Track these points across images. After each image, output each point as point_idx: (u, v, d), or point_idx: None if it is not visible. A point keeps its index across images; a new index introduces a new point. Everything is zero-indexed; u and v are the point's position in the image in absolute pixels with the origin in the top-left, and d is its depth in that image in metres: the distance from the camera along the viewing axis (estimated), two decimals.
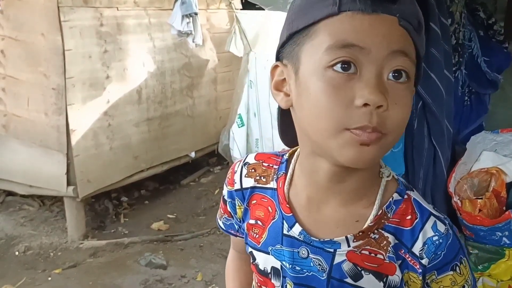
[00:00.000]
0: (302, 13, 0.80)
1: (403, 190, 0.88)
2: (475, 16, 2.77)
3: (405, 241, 0.86)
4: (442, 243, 0.85)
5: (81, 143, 4.09)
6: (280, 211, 0.92)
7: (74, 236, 4.16)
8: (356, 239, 0.86)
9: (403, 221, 0.86)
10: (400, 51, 0.76)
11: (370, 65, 0.74)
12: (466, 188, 2.48)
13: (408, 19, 0.76)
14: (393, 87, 0.76)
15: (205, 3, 5.44)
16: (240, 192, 1.00)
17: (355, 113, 0.74)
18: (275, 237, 0.93)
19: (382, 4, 0.75)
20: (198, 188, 5.40)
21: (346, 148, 0.76)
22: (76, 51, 4.02)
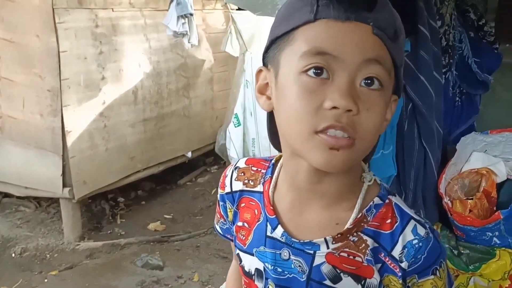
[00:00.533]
0: (284, 19, 0.83)
1: (384, 195, 0.90)
2: (466, 18, 2.77)
3: (384, 244, 0.87)
4: (422, 246, 0.85)
5: (76, 144, 4.10)
6: (264, 214, 0.95)
7: (70, 237, 4.18)
8: (335, 241, 0.88)
9: (383, 224, 0.87)
10: (373, 59, 0.77)
11: (343, 71, 0.76)
12: (456, 189, 2.49)
13: (382, 28, 0.78)
14: (365, 94, 0.77)
15: (201, 3, 5.44)
16: (230, 195, 1.03)
17: (324, 115, 0.76)
18: (259, 239, 0.95)
19: (357, 12, 0.77)
20: (194, 188, 5.41)
21: (316, 151, 0.78)
22: (71, 52, 4.03)
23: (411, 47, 2.24)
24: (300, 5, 0.81)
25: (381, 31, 0.77)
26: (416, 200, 2.45)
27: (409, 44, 2.22)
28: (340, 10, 0.76)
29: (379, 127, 0.80)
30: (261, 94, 0.89)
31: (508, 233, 2.39)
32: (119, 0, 4.49)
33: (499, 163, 2.55)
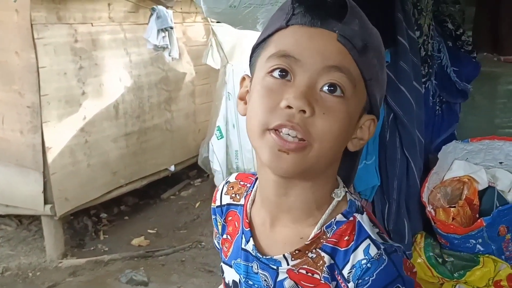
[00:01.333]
0: (265, 28, 0.87)
1: (349, 212, 0.87)
2: (444, 28, 2.81)
3: (338, 262, 0.85)
4: (370, 268, 0.81)
5: (57, 161, 4.06)
6: (242, 226, 0.96)
7: (53, 255, 4.12)
8: (293, 257, 0.87)
9: (340, 241, 0.85)
10: (335, 66, 0.78)
11: (303, 74, 0.78)
12: (439, 197, 2.51)
13: (349, 37, 0.79)
14: (325, 98, 0.78)
15: (181, 16, 5.45)
16: (220, 208, 1.04)
17: (277, 114, 0.78)
18: (237, 251, 0.96)
19: (324, 19, 0.80)
20: (178, 202, 5.38)
21: (265, 149, 0.79)
22: (51, 68, 4.00)
23: (391, 58, 2.26)
24: (278, 14, 0.85)
25: (346, 40, 0.79)
26: (400, 210, 2.46)
27: (389, 55, 2.25)
28: (309, 17, 0.80)
29: (337, 133, 0.79)
30: (241, 100, 0.90)
31: (491, 240, 2.41)
32: (98, 15, 4.47)
33: (480, 170, 2.58)
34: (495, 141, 2.65)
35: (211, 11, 1.75)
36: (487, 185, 2.55)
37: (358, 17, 0.81)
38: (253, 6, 1.78)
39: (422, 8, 2.57)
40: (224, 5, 1.70)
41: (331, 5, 0.81)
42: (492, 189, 2.54)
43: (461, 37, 2.83)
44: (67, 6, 4.15)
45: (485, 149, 2.66)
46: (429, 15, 2.62)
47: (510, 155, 2.61)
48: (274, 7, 1.84)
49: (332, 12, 0.80)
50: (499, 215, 2.34)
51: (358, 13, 0.82)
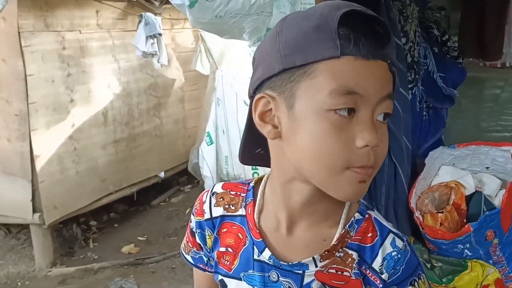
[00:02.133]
0: (298, 49, 0.80)
1: (364, 210, 0.92)
2: (429, 34, 2.82)
3: (366, 257, 0.89)
4: (400, 258, 0.88)
5: (46, 168, 4.04)
6: (250, 237, 0.95)
7: (42, 264, 4.10)
8: (322, 258, 0.89)
9: (365, 238, 0.90)
10: (388, 95, 0.80)
11: (366, 108, 0.78)
12: (427, 203, 2.52)
13: (394, 63, 0.81)
14: (379, 126, 0.80)
15: (170, 23, 5.45)
16: (210, 221, 1.02)
17: (356, 153, 0.78)
18: (247, 263, 0.95)
19: (378, 50, 0.78)
20: (168, 208, 5.37)
21: (346, 185, 0.80)
22: (39, 75, 3.99)
23: None
24: (318, 37, 0.78)
25: (394, 67, 0.81)
26: (388, 215, 2.46)
27: None
28: (364, 49, 0.77)
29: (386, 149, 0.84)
30: (264, 122, 0.87)
31: (478, 245, 2.42)
32: (86, 22, 4.46)
33: (467, 175, 2.59)
34: (481, 146, 2.67)
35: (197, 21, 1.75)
36: (474, 190, 2.57)
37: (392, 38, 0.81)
38: (239, 16, 1.79)
39: (408, 15, 2.58)
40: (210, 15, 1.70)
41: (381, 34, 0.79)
42: (479, 194, 2.55)
43: (447, 43, 2.85)
44: (55, 14, 4.14)
45: (471, 154, 2.67)
46: (415, 22, 2.63)
47: (497, 160, 2.63)
48: (260, 17, 1.85)
49: (382, 42, 0.79)
50: (486, 220, 2.35)
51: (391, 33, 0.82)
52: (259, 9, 1.81)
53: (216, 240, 1.01)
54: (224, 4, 1.70)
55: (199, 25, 1.81)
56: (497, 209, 2.41)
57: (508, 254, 2.53)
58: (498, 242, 2.46)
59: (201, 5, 1.67)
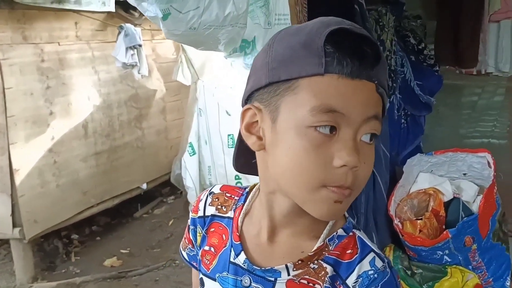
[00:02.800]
0: (284, 64, 0.81)
1: (349, 227, 0.91)
2: (406, 42, 2.86)
3: (341, 272, 0.87)
4: (377, 278, 0.85)
5: (26, 182, 4.00)
6: (231, 239, 0.96)
7: (22, 279, 4.04)
8: (295, 267, 0.89)
9: (343, 254, 0.88)
10: (374, 116, 0.79)
11: (348, 128, 0.78)
12: (406, 210, 2.54)
13: (383, 85, 0.79)
14: (363, 147, 0.79)
15: (150, 34, 5.44)
16: (202, 219, 1.03)
17: (333, 173, 0.78)
18: (224, 265, 0.96)
19: (365, 70, 0.77)
20: (151, 220, 5.34)
21: (321, 204, 0.80)
22: (17, 88, 3.96)
23: None
24: (304, 53, 0.79)
25: (382, 89, 0.79)
26: (368, 224, 2.48)
27: None
28: (349, 68, 0.76)
29: (370, 171, 0.82)
30: (250, 133, 0.88)
31: (457, 251, 2.44)
32: (65, 34, 4.44)
33: (445, 182, 2.62)
34: (458, 153, 2.70)
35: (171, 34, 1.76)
36: (452, 196, 2.60)
37: (383, 59, 0.80)
38: (213, 28, 1.79)
39: (384, 24, 2.61)
40: (184, 27, 1.70)
41: (369, 54, 0.77)
42: (457, 200, 2.58)
43: (423, 51, 2.89)
44: (33, 26, 4.12)
45: (448, 161, 2.70)
46: (391, 31, 2.66)
47: (473, 166, 2.66)
48: (234, 28, 1.86)
49: (370, 62, 0.77)
50: (464, 226, 2.38)
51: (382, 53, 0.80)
52: (233, 21, 1.82)
53: (204, 238, 1.02)
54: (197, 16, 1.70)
55: (174, 37, 1.81)
56: (474, 215, 2.44)
57: (487, 259, 2.56)
58: (476, 247, 2.49)
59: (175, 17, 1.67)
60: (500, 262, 2.62)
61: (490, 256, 2.57)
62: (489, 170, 2.58)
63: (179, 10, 1.71)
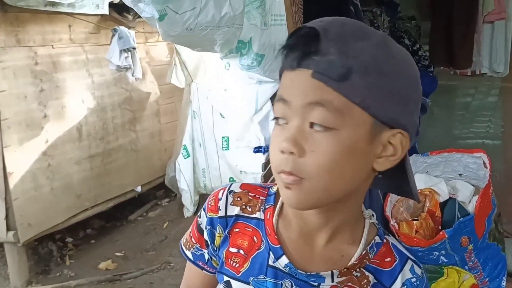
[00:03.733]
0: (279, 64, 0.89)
1: (382, 235, 0.94)
2: (400, 43, 2.87)
3: (384, 281, 0.91)
4: (419, 284, 0.91)
5: (19, 186, 3.97)
6: (267, 242, 0.94)
7: (17, 283, 4.02)
8: (340, 275, 0.90)
9: (383, 262, 0.92)
10: (316, 102, 0.79)
11: (293, 116, 0.81)
12: (402, 211, 2.54)
13: (324, 71, 0.78)
14: (313, 135, 0.79)
15: (144, 36, 5.43)
16: (224, 219, 1.00)
17: (278, 159, 0.82)
18: (260, 268, 0.94)
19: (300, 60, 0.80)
20: (146, 223, 5.32)
21: (280, 189, 0.85)
22: (10, 92, 3.94)
23: None
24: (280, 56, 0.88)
25: (321, 75, 0.78)
26: None
27: None
28: (290, 60, 0.82)
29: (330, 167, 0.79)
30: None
31: (454, 251, 2.44)
32: (58, 37, 4.42)
33: (440, 183, 2.62)
34: (454, 153, 2.70)
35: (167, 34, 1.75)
36: (448, 196, 2.60)
37: (336, 42, 0.79)
38: (209, 29, 1.79)
39: (379, 25, 2.62)
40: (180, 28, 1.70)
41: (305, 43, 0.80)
42: (453, 200, 2.58)
43: (417, 52, 2.90)
44: (26, 29, 4.10)
45: (444, 162, 2.71)
46: (386, 32, 2.67)
47: (469, 167, 2.67)
48: (230, 29, 1.85)
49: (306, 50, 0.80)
50: (460, 226, 2.37)
51: (337, 39, 0.80)
52: (230, 22, 1.82)
53: (226, 239, 1.00)
54: (194, 16, 1.70)
55: (170, 38, 1.81)
56: (470, 215, 2.44)
57: (483, 260, 2.56)
58: (473, 248, 2.49)
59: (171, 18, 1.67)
60: (495, 262, 2.63)
61: (486, 256, 2.57)
62: (484, 170, 2.58)
63: (175, 11, 1.70)
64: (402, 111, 0.82)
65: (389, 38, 0.85)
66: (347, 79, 0.78)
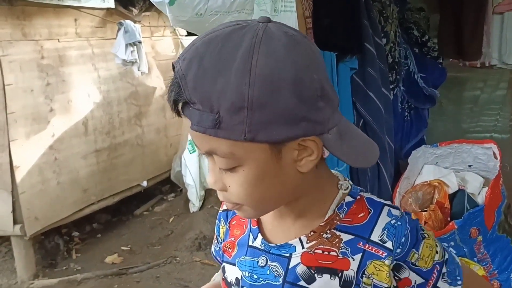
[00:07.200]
0: None
1: (355, 193, 0.91)
2: (410, 35, 2.85)
3: (361, 233, 0.88)
4: (401, 224, 0.87)
5: (26, 179, 3.98)
6: (249, 225, 0.98)
7: (23, 276, 4.02)
8: (309, 239, 0.89)
9: (356, 219, 0.89)
10: (208, 152, 0.81)
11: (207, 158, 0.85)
12: (411, 202, 2.53)
13: (199, 123, 0.76)
14: (224, 174, 0.83)
15: (149, 31, 5.43)
16: (225, 213, 1.06)
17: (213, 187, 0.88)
18: (242, 249, 0.98)
19: (180, 108, 0.79)
20: (152, 218, 5.32)
21: None
22: (17, 85, 3.94)
23: (358, 64, 2.28)
24: None
25: (198, 126, 0.77)
26: None
27: (356, 61, 2.26)
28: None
29: (251, 191, 0.83)
30: None
31: (463, 243, 2.43)
32: (65, 31, 4.42)
33: (450, 174, 2.61)
34: (464, 144, 2.69)
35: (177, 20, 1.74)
36: (457, 188, 2.58)
37: (196, 90, 0.75)
38: (219, 14, 1.78)
39: (388, 16, 2.60)
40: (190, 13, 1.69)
41: (174, 91, 0.77)
42: (462, 192, 2.57)
43: (426, 43, 2.88)
44: (33, 23, 4.10)
45: (454, 153, 2.69)
46: (395, 23, 2.65)
47: (479, 158, 2.65)
48: (241, 15, 1.84)
49: (177, 99, 0.77)
50: (470, 217, 2.36)
51: (195, 86, 0.75)
52: (240, 7, 1.81)
53: (227, 232, 1.04)
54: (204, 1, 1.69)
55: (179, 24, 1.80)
56: (480, 206, 2.43)
57: (493, 252, 2.55)
58: (482, 239, 2.48)
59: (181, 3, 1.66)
60: (505, 255, 2.61)
61: (495, 248, 2.56)
62: (494, 161, 2.57)
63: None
64: (294, 126, 0.77)
65: (253, 48, 0.75)
66: (220, 123, 0.75)
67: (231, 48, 0.75)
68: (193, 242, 4.53)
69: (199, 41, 0.78)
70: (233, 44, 0.75)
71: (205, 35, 0.79)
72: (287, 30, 0.80)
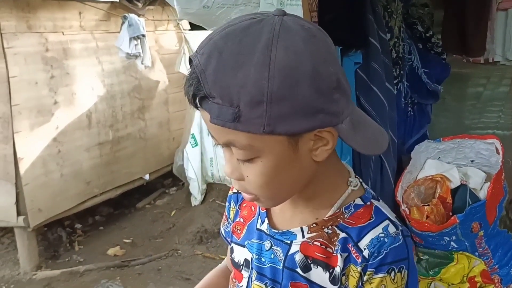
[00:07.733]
0: None
1: (367, 198, 0.92)
2: (413, 30, 2.85)
3: (354, 236, 0.89)
4: (386, 242, 0.86)
5: (30, 171, 4.00)
6: (259, 209, 1.02)
7: (26, 267, 4.05)
8: (310, 230, 0.92)
9: (357, 222, 0.90)
10: (226, 143, 0.82)
11: (223, 149, 0.86)
12: (413, 196, 2.54)
13: (218, 116, 0.77)
14: (241, 165, 0.85)
15: (153, 24, 5.44)
16: (236, 195, 1.10)
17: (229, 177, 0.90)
18: (252, 232, 1.01)
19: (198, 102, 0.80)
20: (154, 211, 5.34)
21: None
22: (21, 77, 3.95)
23: (363, 59, 2.29)
24: None
25: (217, 120, 0.78)
26: None
27: (360, 56, 2.28)
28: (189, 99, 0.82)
29: (267, 183, 0.85)
30: None
31: (464, 237, 2.44)
32: (69, 24, 4.44)
33: (452, 169, 2.61)
34: (466, 139, 2.69)
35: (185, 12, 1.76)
36: (460, 183, 2.59)
37: (215, 84, 0.76)
38: (226, 7, 1.79)
39: (392, 11, 2.61)
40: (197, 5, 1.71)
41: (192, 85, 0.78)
42: (464, 187, 2.58)
43: (430, 39, 2.88)
44: (37, 15, 4.12)
45: (456, 148, 2.70)
46: (399, 18, 2.66)
47: (481, 153, 2.66)
48: (247, 8, 1.86)
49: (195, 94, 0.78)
50: (472, 212, 2.37)
51: (215, 79, 0.76)
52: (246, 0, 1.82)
53: (237, 213, 1.09)
54: None
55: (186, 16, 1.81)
56: (482, 201, 2.43)
57: (494, 246, 2.56)
58: (483, 234, 2.49)
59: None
60: (506, 250, 2.62)
61: (496, 243, 2.57)
62: (497, 156, 2.57)
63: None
64: (311, 118, 0.79)
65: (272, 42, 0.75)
66: (240, 116, 0.76)
67: (249, 42, 0.76)
68: (195, 235, 4.55)
69: (217, 35, 0.79)
70: (251, 38, 0.76)
71: (222, 29, 0.80)
72: (303, 23, 0.82)
